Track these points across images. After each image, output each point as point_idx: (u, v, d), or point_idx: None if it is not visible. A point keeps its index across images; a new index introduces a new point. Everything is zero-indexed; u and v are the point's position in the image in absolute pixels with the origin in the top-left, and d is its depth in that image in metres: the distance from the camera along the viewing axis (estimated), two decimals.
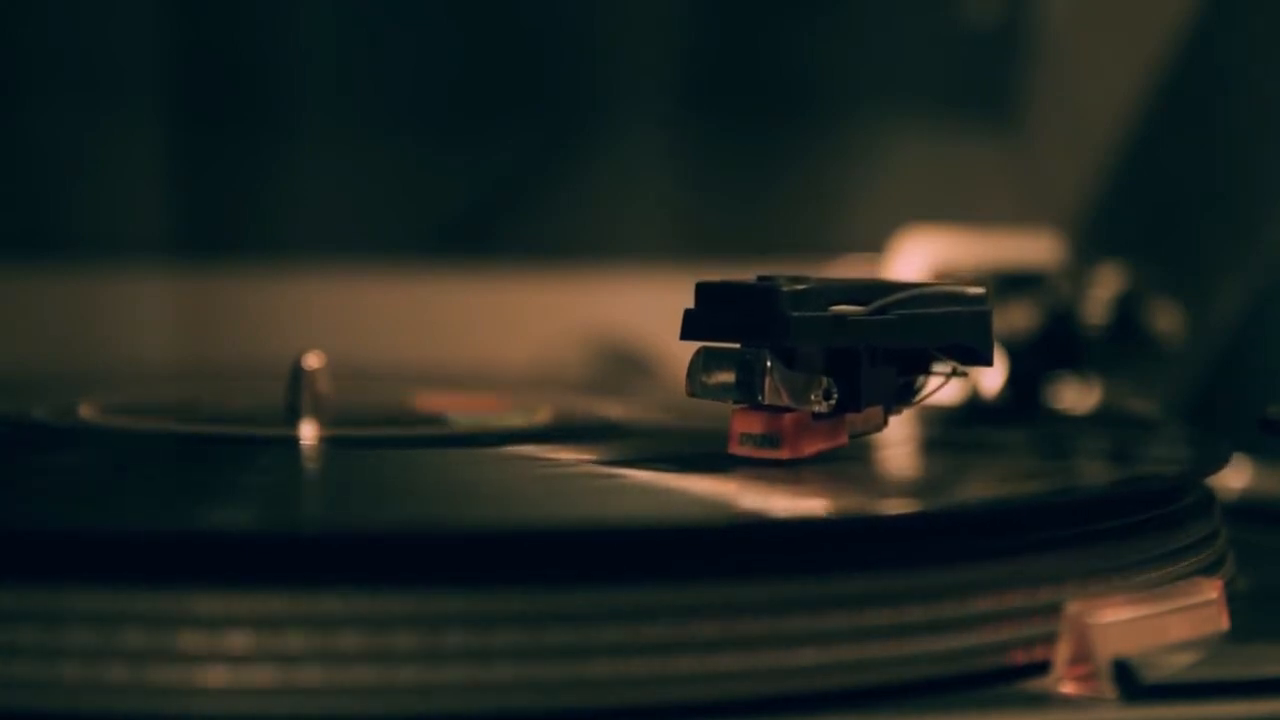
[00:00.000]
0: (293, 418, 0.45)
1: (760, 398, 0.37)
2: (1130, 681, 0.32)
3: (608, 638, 0.30)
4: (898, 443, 0.43)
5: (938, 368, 0.40)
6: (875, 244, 0.66)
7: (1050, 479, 0.41)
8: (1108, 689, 0.32)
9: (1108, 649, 0.32)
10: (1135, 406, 0.58)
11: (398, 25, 0.73)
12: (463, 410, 0.50)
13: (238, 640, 0.29)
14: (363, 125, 0.73)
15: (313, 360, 0.45)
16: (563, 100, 0.75)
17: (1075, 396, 0.57)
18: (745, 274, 0.39)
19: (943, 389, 0.40)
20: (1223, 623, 0.35)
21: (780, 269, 0.40)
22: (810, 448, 0.38)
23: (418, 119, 0.73)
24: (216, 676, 0.29)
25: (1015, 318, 0.58)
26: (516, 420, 0.48)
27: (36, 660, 0.29)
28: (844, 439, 0.39)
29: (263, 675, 0.29)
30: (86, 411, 0.47)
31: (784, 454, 0.38)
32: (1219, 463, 0.41)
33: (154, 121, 0.70)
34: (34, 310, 0.69)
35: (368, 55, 0.73)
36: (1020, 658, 0.33)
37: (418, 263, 0.73)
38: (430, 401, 0.52)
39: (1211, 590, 0.35)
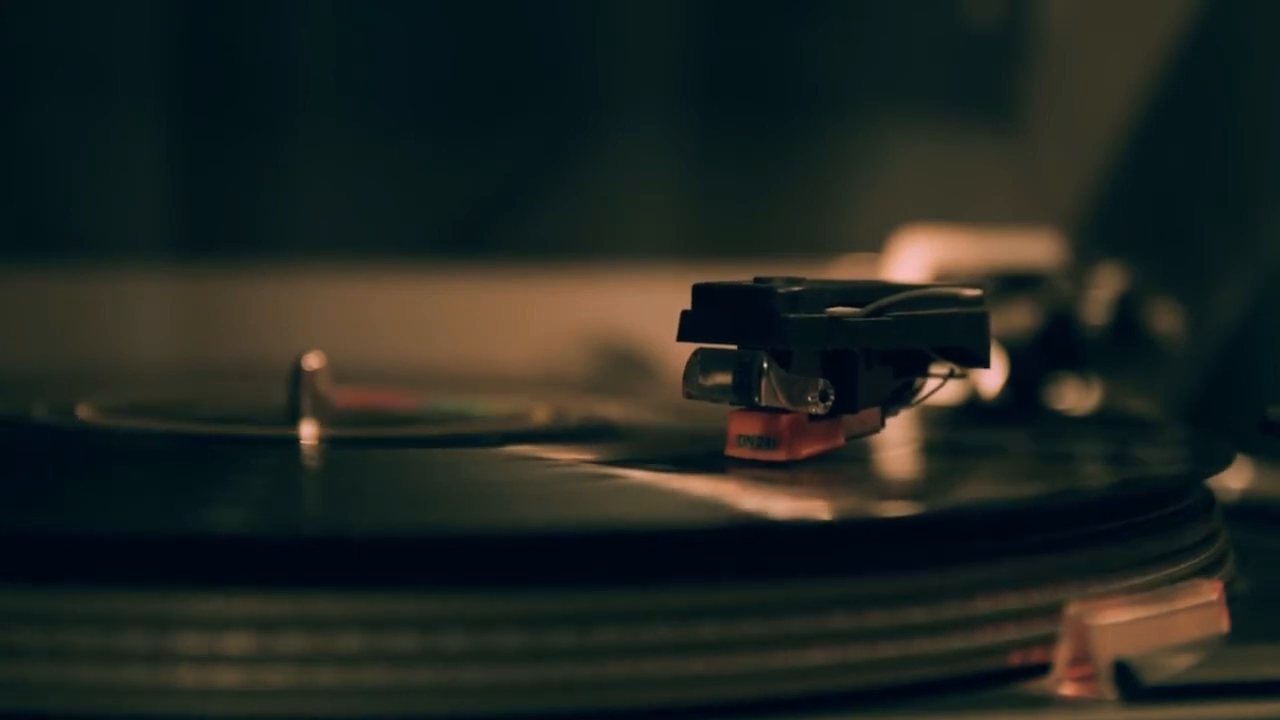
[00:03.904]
0: (293, 418, 0.45)
1: (757, 399, 0.37)
2: (1130, 683, 0.32)
3: (603, 640, 0.30)
4: (896, 444, 0.43)
5: (935, 369, 0.40)
6: (876, 244, 0.66)
7: (1050, 480, 0.41)
8: (1108, 690, 0.32)
9: (1108, 650, 0.32)
10: (1135, 407, 0.58)
11: (398, 25, 0.73)
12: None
13: (235, 642, 0.29)
14: (363, 125, 0.73)
15: (313, 360, 0.45)
16: (563, 100, 0.75)
17: (1075, 397, 0.57)
18: (745, 274, 0.39)
19: (940, 390, 0.40)
20: (1223, 624, 0.35)
21: (781, 270, 0.40)
22: (807, 449, 0.38)
23: (418, 119, 0.73)
24: (212, 678, 0.29)
25: (1015, 318, 0.58)
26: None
27: (31, 661, 0.29)
28: (841, 440, 0.39)
29: (260, 677, 0.29)
30: (86, 412, 0.47)
31: (781, 455, 0.37)
32: (1221, 464, 0.41)
33: (154, 121, 0.70)
34: (34, 310, 0.69)
35: (367, 55, 0.73)
36: (1021, 659, 0.33)
37: (418, 263, 0.73)
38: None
39: (1211, 591, 0.35)
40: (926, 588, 0.32)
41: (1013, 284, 0.59)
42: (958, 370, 0.40)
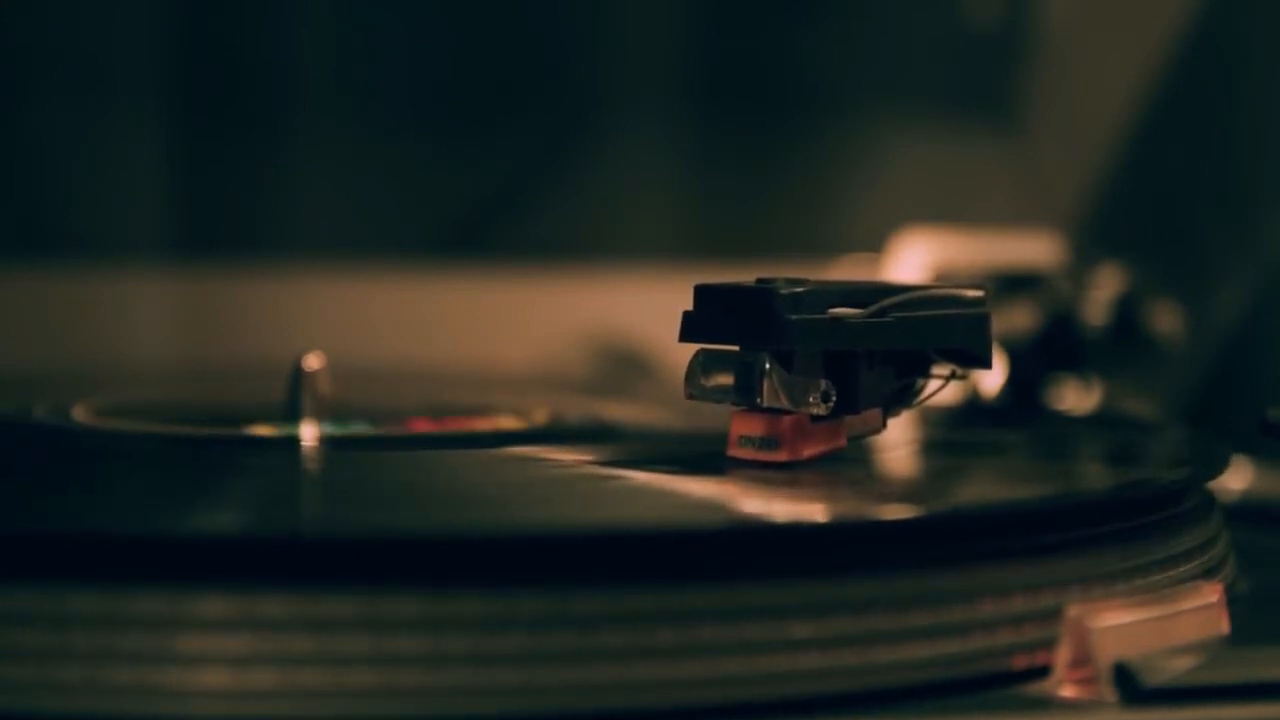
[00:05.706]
0: (293, 418, 0.45)
1: (759, 400, 0.37)
2: (1131, 685, 0.32)
3: (602, 642, 0.30)
4: (897, 445, 0.43)
5: (937, 370, 0.40)
6: (876, 245, 0.66)
7: (1050, 482, 0.41)
8: (1108, 692, 0.32)
9: (1108, 652, 0.32)
10: (1135, 407, 0.58)
11: (398, 25, 0.73)
12: None
13: (233, 643, 0.29)
14: (363, 125, 0.73)
15: (313, 361, 0.45)
16: (563, 100, 0.75)
17: (1075, 398, 0.57)
18: (746, 275, 0.39)
19: (942, 391, 0.40)
20: (1223, 626, 0.35)
21: (781, 270, 0.40)
22: (809, 450, 0.38)
23: (418, 119, 0.73)
24: (210, 679, 0.29)
25: (1015, 319, 0.58)
26: None
27: (29, 662, 0.29)
28: (843, 441, 0.39)
29: (260, 678, 0.29)
30: (84, 412, 0.47)
31: (782, 456, 0.37)
32: (1219, 467, 0.41)
33: (154, 121, 0.70)
34: (34, 310, 0.69)
35: (367, 55, 0.73)
36: (1021, 661, 0.33)
37: (418, 263, 0.73)
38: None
39: (1212, 593, 0.35)
40: (926, 590, 0.32)
41: (1013, 284, 0.59)
42: (959, 371, 0.40)
